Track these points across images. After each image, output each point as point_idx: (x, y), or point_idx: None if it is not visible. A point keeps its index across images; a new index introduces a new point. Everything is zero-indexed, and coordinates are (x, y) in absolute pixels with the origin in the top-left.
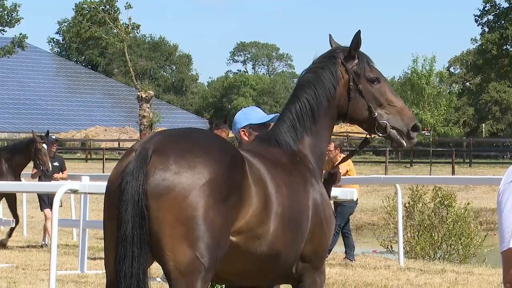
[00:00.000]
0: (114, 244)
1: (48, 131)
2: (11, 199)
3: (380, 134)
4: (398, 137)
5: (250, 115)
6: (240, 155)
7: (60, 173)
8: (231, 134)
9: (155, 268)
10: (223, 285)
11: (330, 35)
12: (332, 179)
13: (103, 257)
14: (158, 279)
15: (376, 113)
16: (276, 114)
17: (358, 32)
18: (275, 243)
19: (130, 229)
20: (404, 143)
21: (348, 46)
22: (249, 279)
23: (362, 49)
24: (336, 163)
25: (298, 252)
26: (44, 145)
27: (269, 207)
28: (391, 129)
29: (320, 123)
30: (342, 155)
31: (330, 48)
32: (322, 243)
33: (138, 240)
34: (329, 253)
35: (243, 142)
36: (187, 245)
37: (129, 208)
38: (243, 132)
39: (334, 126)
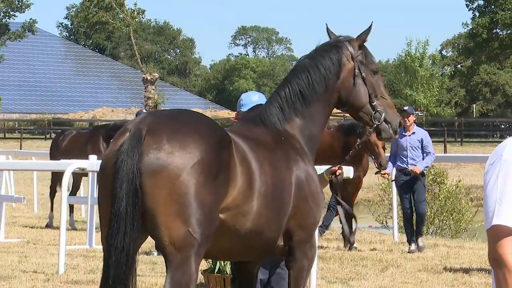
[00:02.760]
0: (108, 220)
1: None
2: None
3: (377, 123)
4: (389, 129)
5: (244, 100)
6: (227, 136)
7: None
8: None
9: (150, 243)
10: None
11: (327, 25)
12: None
13: None
14: (155, 253)
15: (374, 102)
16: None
17: (371, 25)
18: (259, 220)
19: (124, 205)
20: (393, 136)
21: (347, 36)
22: (234, 255)
23: (357, 32)
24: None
25: (280, 228)
26: None
27: (253, 186)
28: (384, 121)
29: (313, 106)
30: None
31: (328, 36)
32: (308, 218)
33: (131, 217)
34: (326, 229)
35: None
36: (181, 221)
37: (124, 185)
38: (236, 117)
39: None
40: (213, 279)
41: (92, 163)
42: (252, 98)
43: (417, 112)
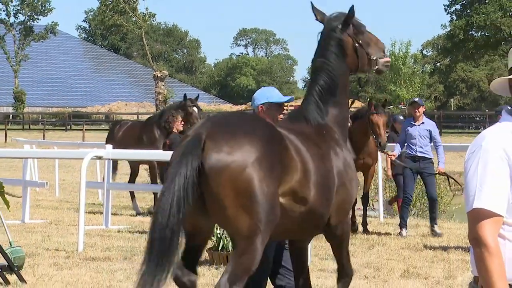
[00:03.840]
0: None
1: (198, 94)
2: (151, 167)
3: (374, 69)
4: (380, 66)
5: (269, 93)
6: (278, 133)
7: None
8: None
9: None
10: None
11: (311, 3)
12: None
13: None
14: None
15: (371, 55)
16: (291, 97)
17: (352, 6)
18: (312, 204)
19: (176, 198)
20: (383, 69)
21: (335, 15)
22: (291, 234)
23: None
24: None
25: (328, 210)
26: (195, 108)
27: (308, 174)
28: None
29: (340, 94)
30: None
31: (314, 15)
32: (345, 200)
33: (180, 204)
34: None
35: (260, 116)
36: (246, 214)
37: (183, 180)
38: (261, 108)
39: None
40: (217, 256)
41: (108, 151)
42: (276, 92)
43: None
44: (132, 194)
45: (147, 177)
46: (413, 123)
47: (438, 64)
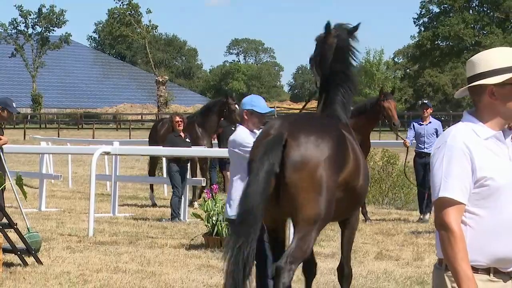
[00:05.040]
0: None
1: (234, 94)
2: (193, 163)
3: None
4: None
5: (255, 102)
6: (342, 133)
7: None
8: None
9: (162, 212)
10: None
11: (329, 22)
12: None
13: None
14: (164, 220)
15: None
16: (272, 109)
17: (359, 23)
18: (359, 192)
19: (261, 187)
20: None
21: (348, 28)
22: (336, 218)
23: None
24: None
25: (365, 197)
26: (237, 106)
27: (359, 167)
28: None
29: (351, 97)
30: None
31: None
32: (363, 191)
33: (261, 193)
34: None
35: (244, 119)
36: (314, 204)
37: (266, 174)
38: (245, 113)
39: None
40: (212, 240)
41: (115, 148)
42: (262, 102)
43: None
44: (151, 187)
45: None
46: (421, 122)
47: (408, 70)
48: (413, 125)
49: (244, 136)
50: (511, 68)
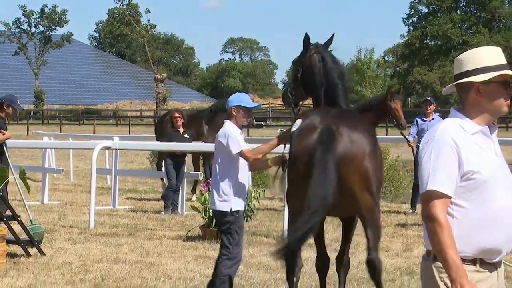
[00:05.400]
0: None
1: (236, 90)
2: (195, 157)
3: None
4: None
5: (242, 98)
6: (373, 127)
7: None
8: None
9: (160, 205)
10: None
11: (307, 35)
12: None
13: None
14: (162, 213)
15: None
16: (259, 104)
17: (333, 35)
18: (381, 180)
19: (332, 179)
20: None
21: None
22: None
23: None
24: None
25: None
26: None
27: (381, 158)
28: None
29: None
30: None
31: (305, 46)
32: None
33: (329, 181)
34: None
35: (232, 115)
36: (368, 193)
37: (331, 166)
38: (233, 109)
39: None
40: (209, 232)
41: (115, 143)
42: (248, 98)
43: None
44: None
45: (148, 164)
46: (425, 119)
47: (398, 68)
48: (417, 121)
49: (232, 130)
50: (497, 67)
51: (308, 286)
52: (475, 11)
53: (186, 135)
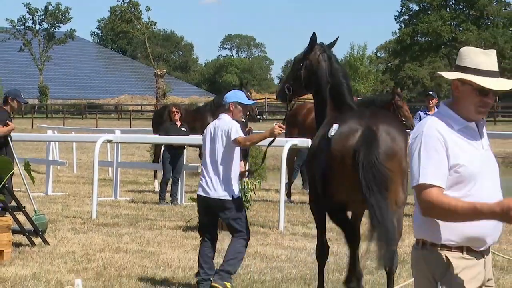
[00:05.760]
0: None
1: (233, 85)
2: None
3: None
4: None
5: (239, 95)
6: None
7: None
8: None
9: (168, 197)
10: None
11: (314, 34)
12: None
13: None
14: (167, 203)
15: None
16: (255, 101)
17: (337, 38)
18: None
19: (371, 175)
20: None
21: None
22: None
23: (323, 40)
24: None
25: None
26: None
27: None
28: None
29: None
30: None
31: (311, 45)
32: None
33: (373, 183)
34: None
35: (229, 110)
36: (402, 189)
37: (372, 164)
38: (231, 105)
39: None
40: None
41: (117, 136)
42: (244, 96)
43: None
44: (155, 174)
45: (149, 157)
46: (427, 112)
47: (389, 64)
48: (419, 115)
49: (235, 122)
50: (474, 70)
51: (303, 275)
52: (464, 9)
53: (183, 128)
